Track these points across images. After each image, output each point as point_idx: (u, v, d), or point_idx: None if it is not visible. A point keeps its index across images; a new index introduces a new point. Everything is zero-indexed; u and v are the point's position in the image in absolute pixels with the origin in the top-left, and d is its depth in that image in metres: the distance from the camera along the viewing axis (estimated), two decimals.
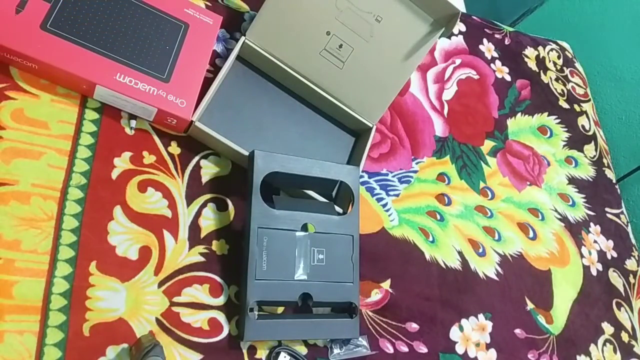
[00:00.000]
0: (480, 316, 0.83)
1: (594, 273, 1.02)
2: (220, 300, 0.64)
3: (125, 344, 0.57)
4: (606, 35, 1.60)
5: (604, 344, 0.95)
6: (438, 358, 0.76)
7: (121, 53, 0.65)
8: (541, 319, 0.90)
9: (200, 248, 0.65)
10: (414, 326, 0.77)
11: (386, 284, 0.77)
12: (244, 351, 0.64)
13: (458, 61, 1.07)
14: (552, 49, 1.27)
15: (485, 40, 1.14)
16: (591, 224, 1.08)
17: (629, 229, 1.16)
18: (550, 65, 1.24)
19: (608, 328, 0.97)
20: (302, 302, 0.66)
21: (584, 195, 1.11)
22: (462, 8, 1.35)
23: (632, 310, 1.04)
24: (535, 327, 0.88)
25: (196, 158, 0.70)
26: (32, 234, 0.56)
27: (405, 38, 0.78)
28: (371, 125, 0.82)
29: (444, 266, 0.84)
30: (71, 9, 0.64)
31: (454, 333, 0.80)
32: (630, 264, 1.10)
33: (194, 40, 0.72)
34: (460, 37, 1.10)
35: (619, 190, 1.20)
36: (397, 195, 0.86)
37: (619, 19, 1.58)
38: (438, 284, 0.82)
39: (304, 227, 0.68)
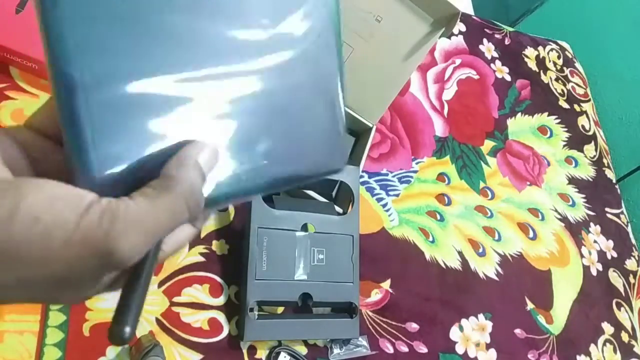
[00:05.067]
0: (480, 316, 0.83)
1: (594, 273, 1.02)
2: (220, 300, 0.64)
3: (125, 344, 0.57)
4: (606, 35, 1.60)
5: (604, 344, 0.95)
6: (438, 358, 0.76)
7: None
8: (541, 319, 0.90)
9: (200, 248, 0.65)
10: (414, 326, 0.77)
11: (386, 284, 0.77)
12: (244, 351, 0.64)
13: (458, 61, 1.07)
14: (552, 49, 1.27)
15: (485, 40, 1.14)
16: (591, 224, 1.08)
17: (629, 229, 1.16)
18: (550, 65, 1.24)
19: (608, 328, 0.97)
20: (302, 302, 0.66)
21: (584, 195, 1.11)
22: (469, 7, 1.35)
23: (632, 310, 1.04)
24: (535, 327, 0.88)
25: None
26: None
27: (405, 38, 0.78)
28: (371, 125, 0.82)
29: (444, 266, 0.84)
30: None
31: (454, 333, 0.80)
32: (630, 264, 1.10)
33: None
34: (460, 37, 1.10)
35: (619, 190, 1.20)
36: (397, 195, 0.86)
37: (619, 19, 1.58)
38: (438, 284, 0.82)
39: (304, 227, 0.68)
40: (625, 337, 0.99)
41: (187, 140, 0.24)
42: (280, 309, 0.68)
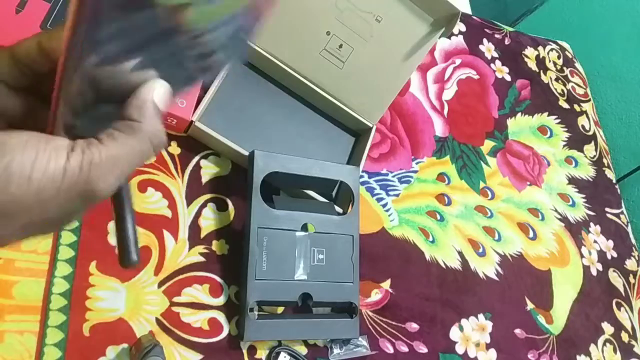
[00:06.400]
0: (480, 316, 0.83)
1: (594, 273, 1.02)
2: (220, 300, 0.64)
3: (125, 344, 0.57)
4: (606, 35, 1.60)
5: (604, 344, 0.95)
6: (438, 358, 0.76)
7: None
8: (541, 319, 0.90)
9: (200, 248, 0.65)
10: (414, 326, 0.77)
11: (386, 284, 0.77)
12: (244, 351, 0.64)
13: (458, 61, 1.07)
14: (552, 49, 1.27)
15: (485, 40, 1.14)
16: (591, 224, 1.08)
17: (629, 229, 1.16)
18: (550, 65, 1.24)
19: (608, 328, 0.97)
20: (302, 302, 0.66)
21: (584, 195, 1.11)
22: (467, 8, 1.35)
23: (632, 310, 1.04)
24: (535, 327, 0.88)
25: (196, 158, 0.70)
26: None
27: (405, 38, 0.78)
28: (371, 125, 0.82)
29: (444, 266, 0.84)
30: None
31: (454, 333, 0.80)
32: (630, 264, 1.10)
33: None
34: (460, 37, 1.10)
35: (619, 190, 1.20)
36: (397, 195, 0.86)
37: (619, 19, 1.58)
38: (438, 284, 0.82)
39: (304, 227, 0.68)
40: (625, 337, 0.99)
41: (142, 77, 0.27)
42: (280, 309, 0.68)
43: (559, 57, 1.27)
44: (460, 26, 1.11)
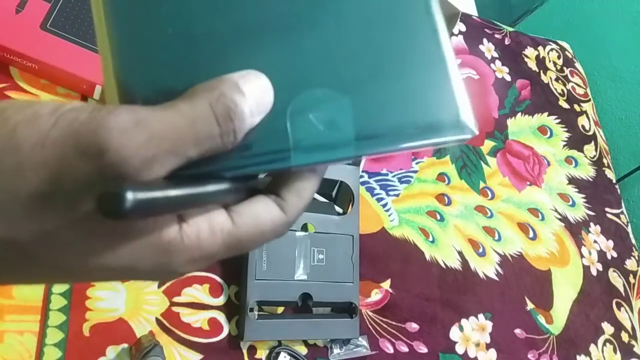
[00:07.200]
0: (480, 316, 0.83)
1: (594, 273, 1.02)
2: (220, 300, 0.64)
3: (125, 344, 0.57)
4: (606, 35, 1.60)
5: (604, 344, 0.95)
6: (438, 358, 0.76)
7: None
8: (541, 319, 0.90)
9: None
10: (414, 326, 0.77)
11: (386, 284, 0.77)
12: (244, 351, 0.64)
13: (458, 61, 1.07)
14: (552, 49, 1.27)
15: (485, 40, 1.14)
16: (591, 224, 1.08)
17: (629, 229, 1.16)
18: (550, 65, 1.24)
19: (608, 328, 0.97)
20: (302, 302, 0.66)
21: (584, 195, 1.11)
22: (472, 8, 1.35)
23: (632, 310, 1.04)
24: (535, 327, 0.88)
25: None
26: None
27: None
28: None
29: (444, 266, 0.84)
30: (71, 9, 0.64)
31: (454, 333, 0.80)
32: (630, 264, 1.10)
33: None
34: (460, 37, 1.10)
35: (619, 190, 1.20)
36: (397, 195, 0.86)
37: (619, 19, 1.58)
38: (438, 284, 0.82)
39: (304, 227, 0.68)
40: (625, 337, 0.99)
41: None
42: (280, 309, 0.68)
43: (559, 57, 1.27)
44: (460, 26, 1.11)
